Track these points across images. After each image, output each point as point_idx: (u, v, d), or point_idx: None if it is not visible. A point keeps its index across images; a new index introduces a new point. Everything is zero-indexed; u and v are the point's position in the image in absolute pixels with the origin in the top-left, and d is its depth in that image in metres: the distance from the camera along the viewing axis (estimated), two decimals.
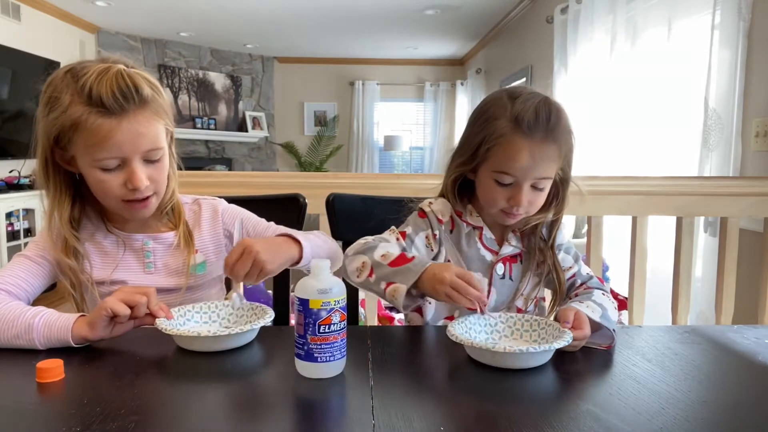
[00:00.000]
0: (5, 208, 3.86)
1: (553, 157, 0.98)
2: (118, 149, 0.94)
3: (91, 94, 0.91)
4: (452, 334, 0.85)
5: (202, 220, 1.14)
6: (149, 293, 0.90)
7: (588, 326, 0.89)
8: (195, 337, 0.86)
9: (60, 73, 0.95)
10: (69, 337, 0.86)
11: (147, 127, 0.96)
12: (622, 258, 2.17)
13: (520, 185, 0.98)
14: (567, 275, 1.09)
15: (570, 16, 3.66)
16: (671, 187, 1.89)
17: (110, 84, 0.91)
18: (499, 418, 0.68)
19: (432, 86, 8.00)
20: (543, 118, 0.95)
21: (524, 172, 0.97)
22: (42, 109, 0.95)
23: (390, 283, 0.94)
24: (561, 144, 0.98)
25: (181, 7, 5.34)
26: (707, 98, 2.23)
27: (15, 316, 0.88)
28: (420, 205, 1.11)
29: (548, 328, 0.90)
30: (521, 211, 1.01)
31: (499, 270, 1.07)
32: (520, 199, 0.99)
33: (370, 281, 0.97)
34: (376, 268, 0.98)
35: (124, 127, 0.92)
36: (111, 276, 1.05)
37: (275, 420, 0.68)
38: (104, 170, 0.95)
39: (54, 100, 0.93)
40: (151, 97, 0.96)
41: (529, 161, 0.96)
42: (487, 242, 1.08)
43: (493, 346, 0.80)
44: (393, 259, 0.97)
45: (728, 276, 1.90)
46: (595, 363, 0.86)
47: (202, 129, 7.09)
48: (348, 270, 1.02)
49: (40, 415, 0.67)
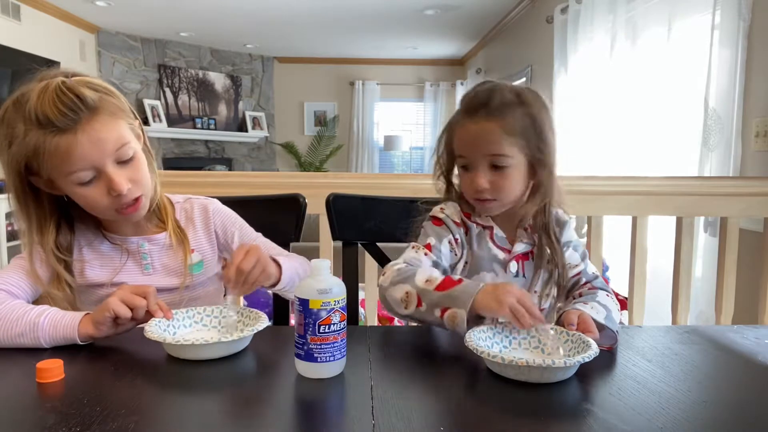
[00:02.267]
0: (5, 208, 3.86)
1: (495, 131, 0.99)
2: (84, 160, 0.92)
3: (39, 117, 0.89)
4: (475, 348, 0.80)
5: (194, 218, 1.14)
6: (148, 293, 0.90)
7: (595, 328, 0.89)
8: (183, 346, 0.83)
9: (9, 107, 0.94)
10: (76, 335, 0.87)
11: (106, 131, 0.94)
12: (622, 258, 2.17)
13: (476, 167, 1.02)
14: (573, 272, 1.09)
15: (570, 16, 3.66)
16: (671, 187, 1.89)
17: (51, 102, 0.89)
18: (499, 418, 0.68)
19: (432, 86, 8.00)
20: (483, 97, 1.01)
21: (472, 151, 1.01)
22: (1, 145, 0.94)
23: (445, 309, 0.91)
24: (503, 119, 0.99)
25: (181, 7, 5.35)
26: (707, 98, 2.23)
27: (19, 315, 0.89)
28: (431, 213, 1.10)
29: (559, 335, 0.87)
30: (487, 195, 1.02)
31: (512, 268, 1.06)
32: (477, 180, 1.01)
33: (421, 311, 0.94)
34: (423, 296, 0.94)
35: (81, 138, 0.91)
36: (112, 279, 1.05)
37: (275, 420, 0.68)
38: (82, 185, 0.95)
39: (10, 134, 0.93)
40: (99, 101, 0.93)
41: (471, 138, 1.01)
42: (499, 241, 1.07)
43: (524, 360, 0.75)
44: (438, 283, 0.94)
45: (728, 276, 1.90)
46: (595, 363, 0.86)
47: (202, 129, 7.10)
48: (391, 303, 0.98)
49: (40, 415, 0.67)
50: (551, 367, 0.75)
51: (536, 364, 0.74)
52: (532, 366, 0.74)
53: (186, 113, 7.00)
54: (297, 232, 1.28)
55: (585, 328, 0.88)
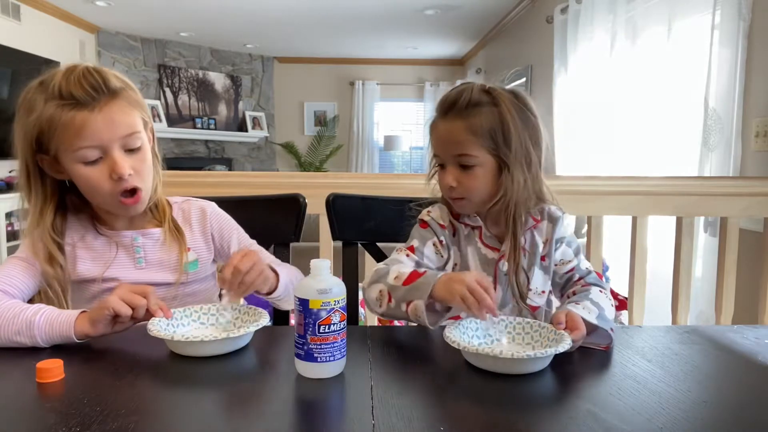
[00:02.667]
0: (5, 208, 3.86)
1: (461, 131, 1.01)
2: (95, 137, 0.96)
3: (62, 92, 0.95)
4: (451, 340, 0.83)
5: (191, 218, 1.16)
6: (148, 293, 0.90)
7: (582, 326, 0.88)
8: (187, 342, 0.84)
9: (32, 86, 0.99)
10: (72, 333, 0.87)
11: (121, 115, 0.98)
12: (622, 258, 2.17)
13: (446, 165, 1.04)
14: (566, 269, 1.10)
15: (570, 16, 3.66)
16: (671, 187, 1.89)
17: (78, 79, 0.95)
18: (499, 418, 0.68)
19: (432, 86, 8.00)
20: (451, 98, 1.03)
21: (442, 150, 1.05)
22: (18, 119, 0.99)
23: (409, 303, 0.93)
24: (468, 119, 1.00)
25: (181, 7, 5.35)
26: (707, 98, 2.23)
27: (15, 313, 0.89)
28: (419, 216, 1.12)
29: (542, 331, 0.89)
30: (455, 193, 1.04)
31: (502, 267, 1.07)
32: (445, 178, 1.03)
33: (392, 307, 0.96)
34: (392, 292, 0.97)
35: (97, 116, 0.96)
36: (103, 273, 1.06)
37: (275, 420, 0.68)
38: (86, 164, 0.98)
39: (29, 107, 0.98)
40: (120, 89, 0.99)
41: (441, 137, 1.04)
42: (488, 240, 1.08)
43: (494, 351, 0.78)
44: (405, 277, 0.97)
45: (728, 276, 1.90)
46: (594, 363, 0.86)
47: (202, 129, 7.10)
48: (369, 303, 1.02)
49: (40, 415, 0.67)
50: (522, 359, 0.78)
51: (505, 355, 0.77)
52: (505, 358, 0.77)
53: (186, 113, 7.00)
54: (297, 232, 1.28)
55: (573, 326, 0.88)
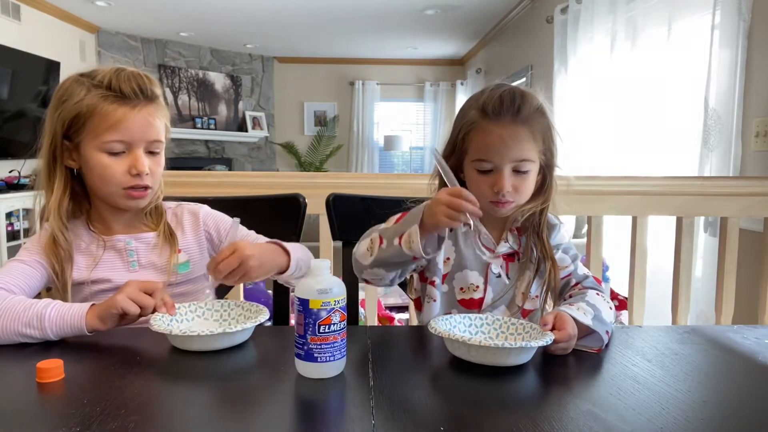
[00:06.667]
0: (5, 208, 3.86)
1: (524, 138, 1.00)
2: (128, 133, 1.02)
3: (111, 84, 1.01)
4: (433, 327, 0.86)
5: (184, 222, 1.18)
6: (156, 290, 0.93)
7: (571, 326, 0.88)
8: (187, 336, 0.85)
9: (73, 77, 1.04)
10: (83, 325, 0.89)
11: (155, 119, 1.06)
12: (622, 258, 2.17)
13: (500, 170, 1.01)
14: (563, 274, 1.09)
15: (570, 16, 3.66)
16: (671, 187, 1.89)
17: (128, 77, 1.02)
18: (499, 419, 0.68)
19: (432, 86, 8.00)
20: (507, 102, 1.00)
21: (499, 156, 1.00)
22: (54, 103, 1.03)
23: (402, 236, 0.95)
24: (532, 125, 1.01)
25: (181, 7, 5.35)
26: (707, 98, 2.23)
27: (25, 306, 0.91)
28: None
29: (532, 332, 0.90)
30: (508, 197, 1.02)
31: (494, 269, 1.07)
32: (502, 184, 1.01)
33: (383, 248, 0.98)
34: (384, 234, 0.99)
35: (137, 114, 1.02)
36: (96, 275, 1.07)
37: (275, 420, 0.68)
38: (110, 154, 1.02)
39: (68, 94, 1.02)
40: (159, 97, 1.08)
41: (500, 143, 1.00)
42: (484, 241, 1.08)
43: (469, 340, 0.81)
44: (395, 218, 1.01)
45: (728, 276, 1.89)
46: (594, 363, 0.86)
47: (202, 129, 7.09)
48: (359, 259, 1.03)
49: (40, 415, 0.67)
50: (505, 348, 0.80)
51: (490, 345, 0.80)
52: (489, 347, 0.80)
53: (186, 113, 7.00)
54: (297, 232, 1.28)
55: (560, 326, 0.87)
